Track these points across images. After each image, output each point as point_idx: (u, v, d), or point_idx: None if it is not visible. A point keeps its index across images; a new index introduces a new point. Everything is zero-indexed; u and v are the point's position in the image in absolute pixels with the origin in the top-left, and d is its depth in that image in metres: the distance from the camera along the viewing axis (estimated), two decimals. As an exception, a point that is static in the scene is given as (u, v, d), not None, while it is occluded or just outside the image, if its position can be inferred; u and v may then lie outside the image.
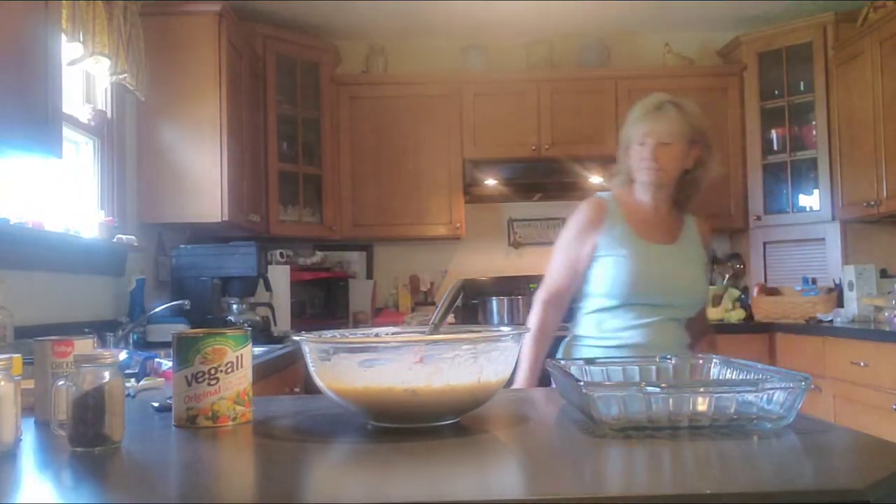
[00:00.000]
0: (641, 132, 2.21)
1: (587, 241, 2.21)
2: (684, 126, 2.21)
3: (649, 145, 2.19)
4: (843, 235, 4.26)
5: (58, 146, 2.13)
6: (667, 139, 2.18)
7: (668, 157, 2.19)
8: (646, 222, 2.24)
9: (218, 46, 3.55)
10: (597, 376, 1.32)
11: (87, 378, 1.00)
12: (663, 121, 2.20)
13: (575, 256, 2.21)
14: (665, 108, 2.22)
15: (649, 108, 2.24)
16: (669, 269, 2.18)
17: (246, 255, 3.48)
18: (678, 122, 2.21)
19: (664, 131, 2.18)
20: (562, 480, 0.90)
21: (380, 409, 1.12)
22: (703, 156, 2.25)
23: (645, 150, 2.20)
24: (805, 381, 1.04)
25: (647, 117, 2.22)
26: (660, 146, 2.18)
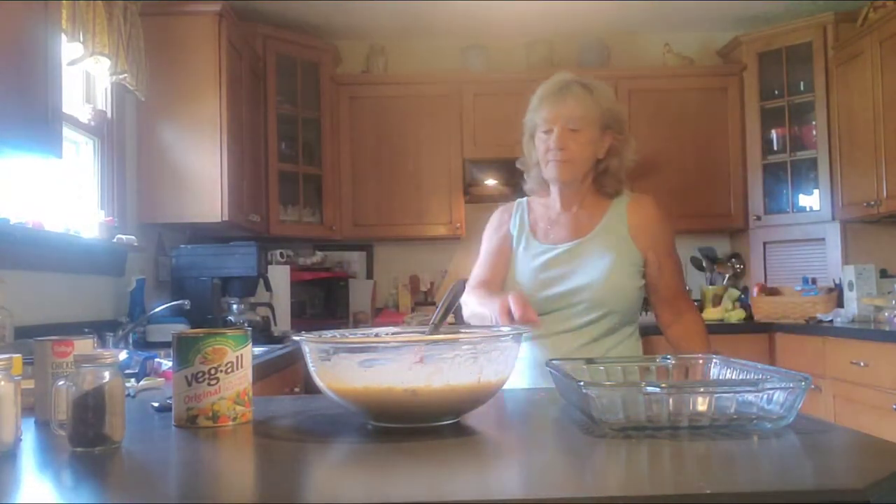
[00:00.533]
0: (545, 116, 1.94)
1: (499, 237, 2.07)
2: (594, 109, 1.93)
3: (555, 132, 1.92)
4: (843, 235, 4.26)
5: (58, 146, 2.13)
6: (574, 124, 1.91)
7: (576, 146, 1.91)
8: (550, 221, 2.03)
9: (218, 46, 3.55)
10: (597, 376, 1.32)
11: (87, 378, 1.00)
12: (570, 103, 1.92)
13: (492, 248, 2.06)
14: (571, 89, 1.94)
15: (553, 90, 1.96)
16: (564, 270, 1.92)
17: (246, 255, 3.48)
18: (587, 104, 1.93)
19: (571, 115, 1.91)
20: (562, 480, 0.90)
21: (380, 409, 1.12)
22: (616, 144, 1.98)
23: (550, 138, 1.93)
24: (805, 381, 1.04)
25: (551, 99, 1.94)
26: (566, 132, 1.91)
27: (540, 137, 1.96)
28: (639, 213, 1.98)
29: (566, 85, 1.95)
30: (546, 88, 1.99)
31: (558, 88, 1.95)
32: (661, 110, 4.57)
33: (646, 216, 1.98)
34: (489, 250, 2.08)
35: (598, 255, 1.92)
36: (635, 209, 1.99)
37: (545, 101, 1.95)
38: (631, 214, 1.97)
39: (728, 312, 4.44)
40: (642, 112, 4.56)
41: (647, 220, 1.98)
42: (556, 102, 1.93)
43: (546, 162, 1.94)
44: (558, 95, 1.94)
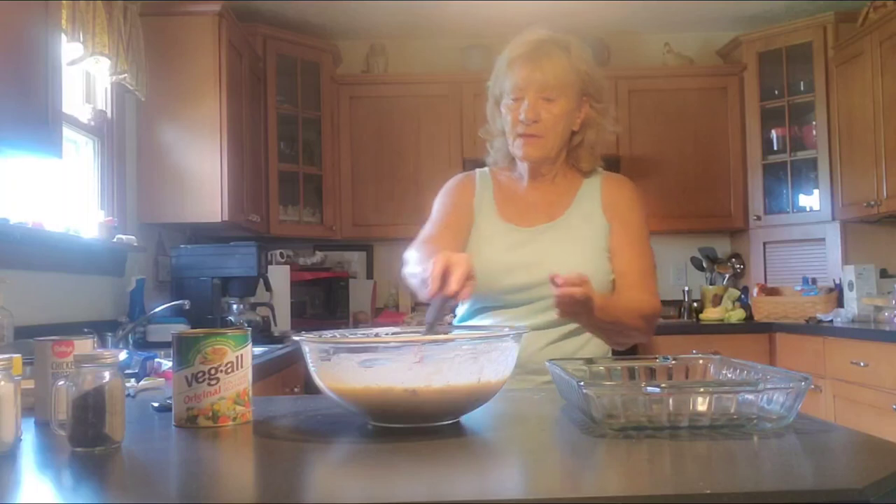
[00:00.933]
0: (515, 83, 1.67)
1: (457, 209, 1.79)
2: (571, 74, 1.67)
3: (526, 102, 1.66)
4: (843, 235, 4.26)
5: (58, 146, 2.13)
6: (549, 93, 1.65)
7: (550, 118, 1.66)
8: (518, 200, 1.79)
9: (218, 46, 3.55)
10: (597, 376, 1.32)
11: (87, 378, 1.00)
12: (545, 68, 1.65)
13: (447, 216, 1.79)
14: (546, 50, 1.67)
15: (525, 50, 1.68)
16: (532, 258, 1.69)
17: (246, 255, 3.48)
18: (564, 69, 1.66)
19: (545, 82, 1.64)
20: (562, 480, 0.90)
21: (379, 409, 1.12)
22: (593, 114, 1.73)
23: (520, 108, 1.66)
24: (805, 381, 1.04)
25: (522, 62, 1.67)
26: (539, 102, 1.65)
27: (508, 106, 1.70)
28: (613, 190, 1.79)
29: (540, 45, 1.68)
30: (516, 48, 1.70)
31: (531, 49, 1.68)
32: (661, 110, 4.57)
33: (620, 194, 1.79)
34: (444, 217, 1.79)
35: (570, 241, 1.72)
36: (610, 186, 1.80)
37: (515, 64, 1.68)
38: (605, 191, 1.78)
39: (728, 312, 4.44)
40: (642, 112, 4.57)
41: (621, 198, 1.78)
42: (528, 66, 1.66)
43: (515, 136, 1.70)
44: (531, 58, 1.67)
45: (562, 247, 1.72)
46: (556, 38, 1.70)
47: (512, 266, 1.69)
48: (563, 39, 1.71)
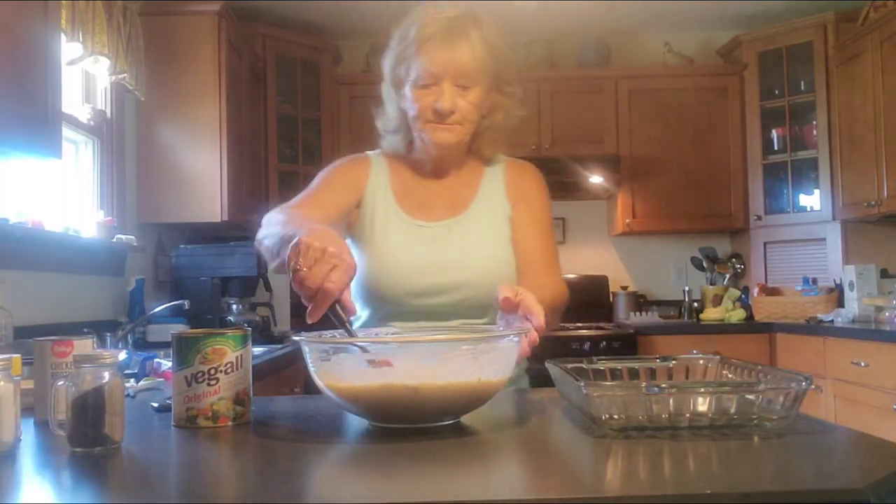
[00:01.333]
0: (428, 67, 1.48)
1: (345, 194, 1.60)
2: (489, 59, 1.51)
3: (444, 89, 1.48)
4: (844, 235, 4.26)
5: (57, 147, 2.13)
6: (466, 80, 1.49)
7: (466, 106, 1.50)
8: (418, 191, 1.63)
9: (218, 46, 3.55)
10: (598, 376, 1.32)
11: (87, 378, 1.00)
12: (465, 52, 1.47)
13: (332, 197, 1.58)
14: (463, 30, 1.48)
15: (441, 30, 1.48)
16: (445, 256, 1.55)
17: (246, 255, 3.48)
18: (483, 53, 1.49)
19: (464, 69, 1.48)
20: (562, 480, 0.90)
21: (379, 408, 1.11)
22: (503, 99, 1.59)
23: (437, 95, 1.48)
24: (805, 381, 1.04)
25: (438, 43, 1.47)
26: (456, 89, 1.49)
27: (416, 94, 1.51)
28: (516, 176, 1.67)
29: (454, 24, 1.49)
30: (428, 26, 1.49)
31: (445, 29, 1.48)
32: (661, 110, 4.57)
33: (523, 178, 1.67)
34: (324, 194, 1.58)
35: (479, 236, 1.59)
36: (513, 171, 1.68)
37: (429, 47, 1.48)
38: (508, 177, 1.66)
39: (729, 312, 4.44)
40: (642, 112, 4.57)
41: (524, 182, 1.66)
42: (444, 51, 1.47)
43: (425, 122, 1.52)
44: (446, 40, 1.48)
45: (472, 243, 1.57)
46: (468, 13, 1.52)
47: (421, 266, 1.53)
48: (472, 13, 1.53)
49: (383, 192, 1.62)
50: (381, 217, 1.60)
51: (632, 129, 4.56)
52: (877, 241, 4.24)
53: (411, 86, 1.52)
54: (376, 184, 1.63)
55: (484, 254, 1.57)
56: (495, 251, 1.58)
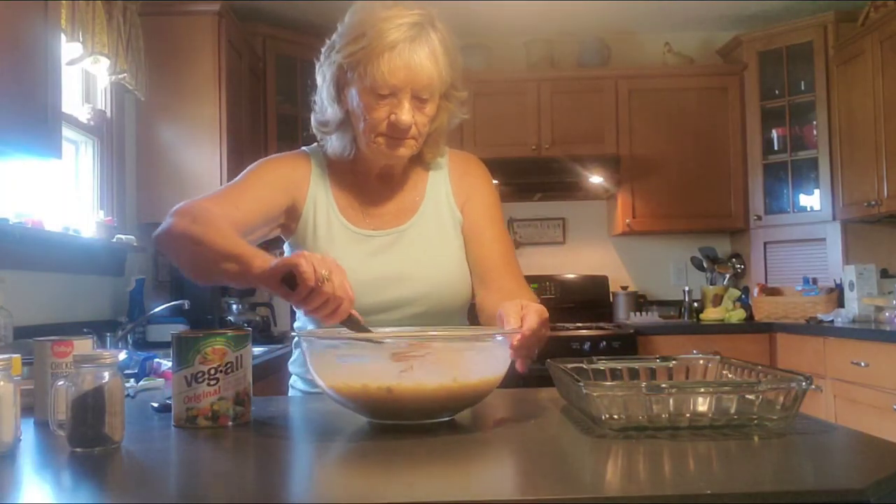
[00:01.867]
0: (386, 78, 1.36)
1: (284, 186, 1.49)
2: (447, 71, 1.41)
3: (402, 103, 1.38)
4: (844, 235, 4.26)
5: (57, 147, 2.13)
6: (425, 93, 1.39)
7: (422, 119, 1.42)
8: (360, 198, 1.52)
9: (218, 46, 3.55)
10: (598, 376, 1.32)
11: (87, 378, 1.00)
12: (426, 64, 1.37)
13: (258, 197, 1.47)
14: (424, 38, 1.38)
15: (401, 35, 1.36)
16: (397, 269, 1.47)
17: (246, 255, 3.48)
18: (442, 64, 1.39)
19: (426, 83, 1.38)
20: (562, 480, 0.90)
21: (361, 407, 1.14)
22: (449, 105, 1.50)
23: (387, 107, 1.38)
24: (805, 382, 1.04)
25: (400, 55, 1.36)
26: (415, 102, 1.39)
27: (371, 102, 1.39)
28: (462, 174, 1.58)
29: (421, 33, 1.38)
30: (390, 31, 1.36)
31: (410, 38, 1.37)
32: (661, 110, 4.57)
33: (469, 175, 1.59)
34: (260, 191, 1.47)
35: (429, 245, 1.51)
36: (457, 168, 1.59)
37: (392, 54, 1.35)
38: (454, 176, 1.58)
39: (729, 312, 4.44)
40: (642, 112, 4.57)
41: (470, 179, 1.58)
42: (408, 60, 1.36)
43: (377, 134, 1.41)
44: (411, 49, 1.36)
45: (422, 254, 1.49)
46: (426, 16, 1.41)
47: (372, 280, 1.44)
48: (429, 14, 1.42)
49: (324, 198, 1.51)
50: (322, 226, 1.49)
51: (632, 129, 4.56)
52: (877, 241, 4.24)
53: (364, 91, 1.39)
54: (317, 188, 1.51)
55: (436, 265, 1.49)
56: (446, 261, 1.50)
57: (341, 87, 1.44)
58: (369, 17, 1.39)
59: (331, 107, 1.46)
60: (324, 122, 1.50)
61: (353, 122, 1.45)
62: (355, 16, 1.42)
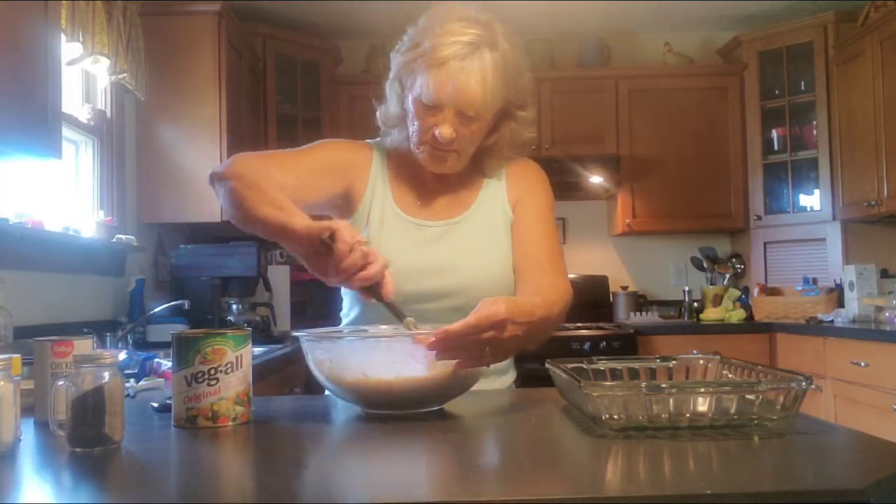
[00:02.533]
0: (434, 91, 1.39)
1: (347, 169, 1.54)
2: (500, 90, 1.43)
3: (445, 117, 1.41)
4: (844, 235, 4.26)
5: (57, 147, 2.13)
6: (472, 110, 1.41)
7: (468, 134, 1.45)
8: (416, 187, 1.57)
9: (218, 46, 3.55)
10: (598, 376, 1.32)
11: (87, 378, 1.00)
12: (475, 83, 1.39)
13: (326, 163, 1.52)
14: (480, 59, 1.39)
15: (453, 52, 1.38)
16: (445, 260, 1.50)
17: (246, 255, 3.48)
18: (494, 85, 1.41)
19: (470, 101, 1.40)
20: (562, 480, 0.90)
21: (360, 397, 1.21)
22: (511, 123, 1.53)
23: (432, 118, 1.42)
24: (805, 382, 1.04)
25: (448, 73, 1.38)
26: (458, 119, 1.42)
27: (418, 114, 1.44)
28: (518, 176, 1.60)
29: (474, 52, 1.39)
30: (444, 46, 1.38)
31: (461, 55, 1.38)
32: (661, 110, 4.57)
33: (525, 178, 1.61)
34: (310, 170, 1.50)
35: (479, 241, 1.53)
36: (515, 171, 1.61)
37: (441, 70, 1.39)
38: (511, 178, 1.60)
39: (729, 312, 4.44)
40: (642, 112, 4.57)
41: (526, 181, 1.60)
42: (455, 79, 1.38)
43: (422, 142, 1.46)
44: (460, 68, 1.38)
45: (469, 248, 1.52)
46: (486, 33, 1.41)
47: (418, 268, 1.48)
48: (492, 31, 1.42)
49: (381, 184, 1.55)
50: (377, 212, 1.53)
51: (632, 129, 4.56)
52: (877, 241, 4.24)
53: (414, 99, 1.45)
54: (377, 175, 1.56)
55: (481, 260, 1.52)
56: (493, 258, 1.53)
57: (401, 87, 1.50)
58: (431, 27, 1.43)
59: (393, 102, 1.52)
60: (388, 116, 1.55)
61: (407, 122, 1.50)
62: (423, 21, 1.46)
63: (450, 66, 1.38)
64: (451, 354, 1.17)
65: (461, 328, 1.16)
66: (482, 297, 1.28)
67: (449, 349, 1.16)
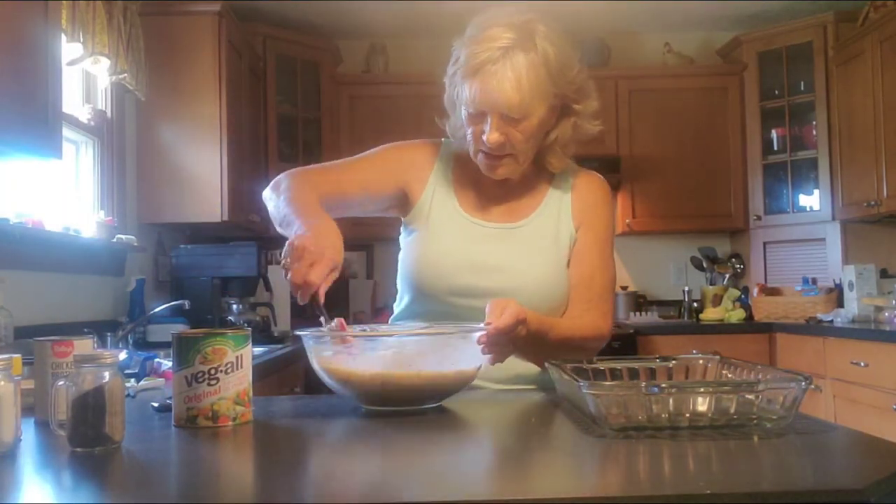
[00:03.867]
0: (474, 98, 1.42)
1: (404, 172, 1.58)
2: (544, 86, 1.42)
3: (490, 121, 1.43)
4: (844, 235, 4.26)
5: (58, 147, 2.13)
6: (515, 112, 1.41)
7: (519, 136, 1.44)
8: (479, 188, 1.58)
9: (218, 46, 3.55)
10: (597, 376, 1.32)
11: (87, 378, 1.00)
12: (508, 86, 1.39)
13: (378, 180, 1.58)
14: (514, 61, 1.39)
15: (489, 58, 1.40)
16: (498, 260, 1.51)
17: (246, 255, 3.48)
18: (532, 84, 1.40)
19: (510, 103, 1.40)
20: (562, 480, 0.90)
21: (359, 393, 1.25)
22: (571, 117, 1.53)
23: (480, 125, 1.45)
24: (805, 381, 1.04)
25: (484, 78, 1.41)
26: (503, 122, 1.42)
27: (467, 117, 1.47)
28: (584, 193, 1.60)
29: (508, 56, 1.39)
30: (478, 53, 1.41)
31: (494, 60, 1.40)
32: (661, 110, 4.57)
33: (591, 196, 1.60)
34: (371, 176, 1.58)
35: (536, 248, 1.54)
36: (581, 187, 1.61)
37: (476, 78, 1.42)
38: (576, 193, 1.59)
39: (728, 312, 4.44)
40: (642, 112, 4.57)
41: (592, 201, 1.60)
42: (487, 84, 1.40)
43: (477, 150, 1.49)
44: (493, 73, 1.40)
45: (527, 253, 1.53)
46: (524, 38, 1.41)
47: (471, 265, 1.50)
48: (529, 31, 1.42)
49: (444, 183, 1.58)
50: (438, 207, 1.56)
51: (632, 129, 4.56)
52: (877, 241, 4.25)
53: (463, 109, 1.48)
54: (439, 173, 1.59)
55: (532, 266, 1.52)
56: (545, 267, 1.52)
57: (455, 99, 1.53)
58: (468, 37, 1.46)
59: (454, 115, 1.56)
60: (455, 128, 1.57)
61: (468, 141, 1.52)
62: (465, 32, 1.48)
63: (483, 72, 1.41)
64: (496, 348, 1.28)
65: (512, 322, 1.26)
66: (529, 302, 1.35)
67: (496, 343, 1.27)
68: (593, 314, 1.53)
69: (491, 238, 1.54)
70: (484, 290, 1.47)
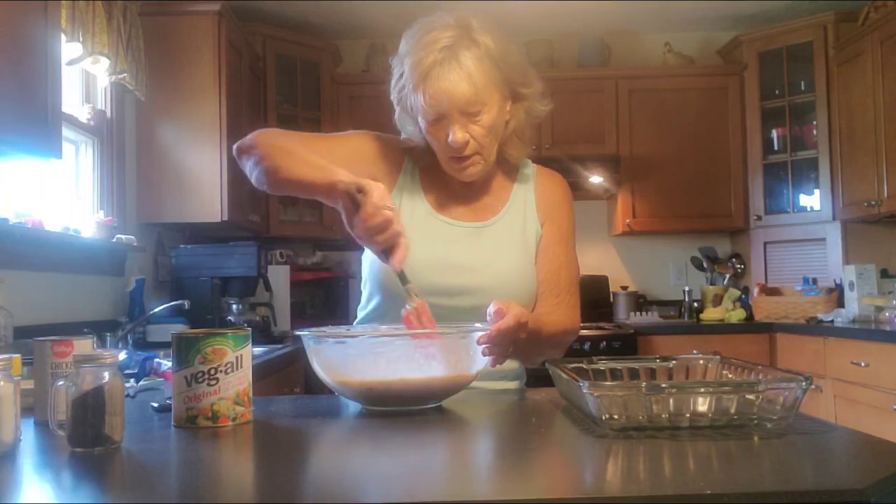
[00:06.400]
0: (431, 105, 1.44)
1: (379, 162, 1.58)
2: (493, 76, 1.45)
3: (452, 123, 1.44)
4: (844, 235, 4.26)
5: (57, 147, 2.13)
6: (473, 107, 1.44)
7: (481, 132, 1.46)
8: (447, 187, 1.59)
9: (218, 46, 3.55)
10: (598, 376, 1.32)
11: (87, 378, 1.00)
12: (462, 81, 1.41)
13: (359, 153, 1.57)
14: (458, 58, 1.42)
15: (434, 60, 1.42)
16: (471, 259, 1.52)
17: (246, 255, 3.48)
18: (482, 75, 1.43)
19: (466, 98, 1.42)
20: (562, 480, 0.90)
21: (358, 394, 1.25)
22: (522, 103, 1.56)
23: (442, 130, 1.46)
24: (805, 381, 1.04)
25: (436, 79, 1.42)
26: (463, 120, 1.44)
27: (428, 128, 1.48)
28: (547, 190, 1.65)
29: (452, 54, 1.42)
30: (423, 59, 1.43)
31: (440, 61, 1.42)
32: (661, 110, 4.57)
33: (554, 193, 1.66)
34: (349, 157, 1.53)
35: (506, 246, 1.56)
36: (544, 184, 1.66)
37: (427, 82, 1.43)
38: (539, 189, 1.64)
39: (729, 312, 4.44)
40: (642, 112, 4.56)
41: (555, 197, 1.65)
42: (442, 84, 1.42)
43: (447, 158, 1.51)
44: (442, 73, 1.42)
45: (497, 251, 1.55)
46: (461, 32, 1.45)
47: (443, 264, 1.50)
48: (466, 28, 1.46)
49: (412, 181, 1.59)
50: (407, 206, 1.57)
51: (632, 129, 4.56)
52: (877, 241, 4.24)
53: (421, 119, 1.49)
54: (407, 171, 1.60)
55: (504, 263, 1.54)
56: (516, 264, 1.55)
57: (409, 114, 1.53)
58: (406, 47, 1.49)
59: (409, 127, 1.57)
60: (412, 135, 1.58)
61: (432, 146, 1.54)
62: (400, 48, 1.51)
63: (433, 75, 1.42)
64: (498, 350, 1.28)
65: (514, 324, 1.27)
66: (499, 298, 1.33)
67: (498, 344, 1.27)
68: (564, 308, 1.56)
69: (461, 237, 1.56)
70: (457, 288, 1.50)
